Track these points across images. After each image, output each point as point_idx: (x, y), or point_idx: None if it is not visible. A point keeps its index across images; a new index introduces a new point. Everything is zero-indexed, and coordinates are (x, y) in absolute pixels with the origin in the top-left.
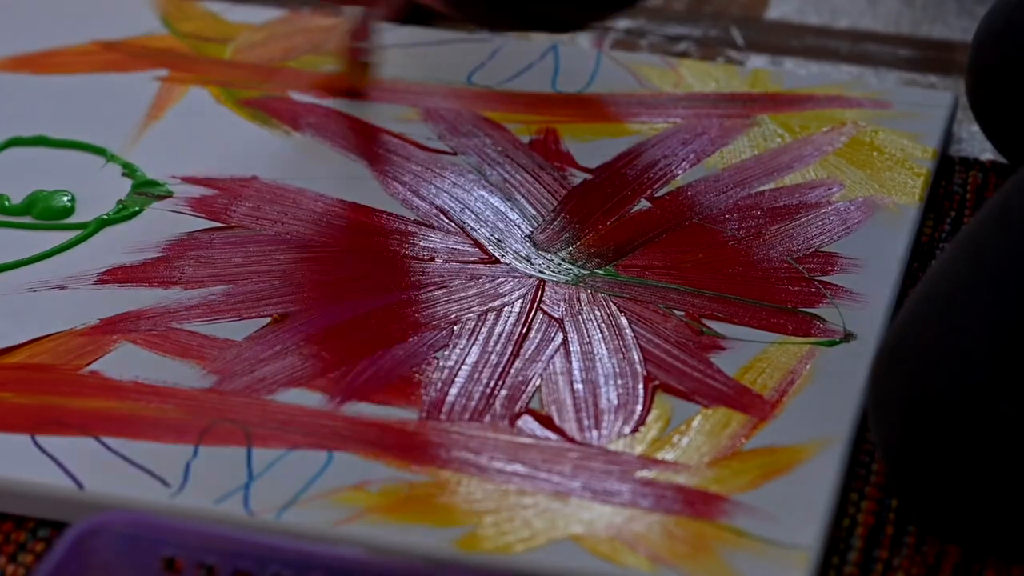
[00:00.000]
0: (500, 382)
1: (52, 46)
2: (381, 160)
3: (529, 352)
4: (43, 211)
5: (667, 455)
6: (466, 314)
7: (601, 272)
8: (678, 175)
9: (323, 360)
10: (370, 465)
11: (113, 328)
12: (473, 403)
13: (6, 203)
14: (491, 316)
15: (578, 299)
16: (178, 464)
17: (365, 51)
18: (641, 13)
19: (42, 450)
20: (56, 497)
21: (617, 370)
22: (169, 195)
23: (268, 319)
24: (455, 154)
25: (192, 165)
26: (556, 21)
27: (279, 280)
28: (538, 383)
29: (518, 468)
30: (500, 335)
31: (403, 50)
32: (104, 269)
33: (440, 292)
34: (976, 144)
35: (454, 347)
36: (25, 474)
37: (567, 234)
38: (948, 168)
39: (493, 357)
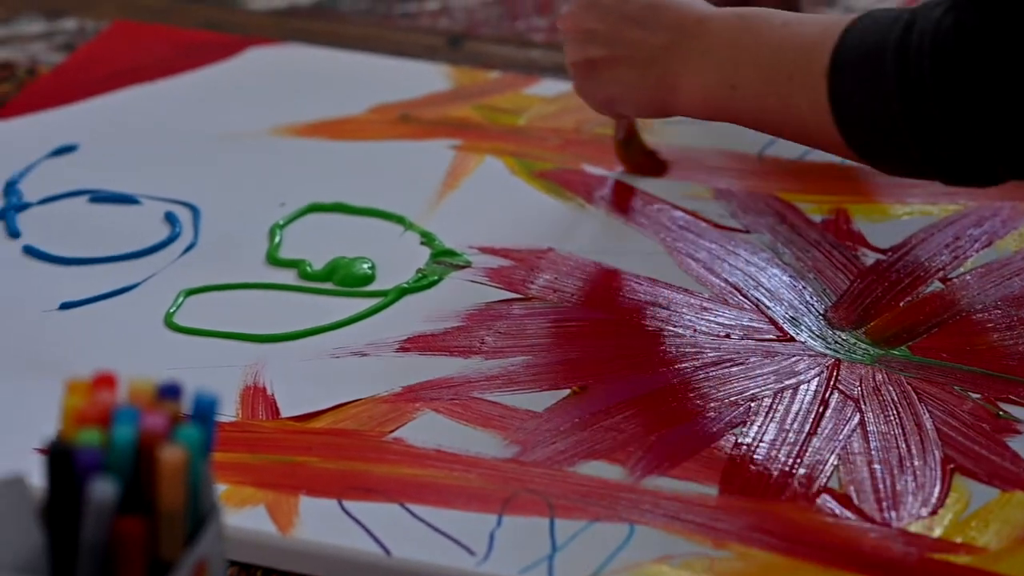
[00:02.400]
0: (798, 460)
1: (349, 112)
2: (674, 236)
3: (826, 431)
4: (344, 278)
5: (965, 538)
6: (763, 391)
7: (896, 352)
8: (970, 256)
9: (622, 433)
10: (671, 539)
11: (415, 396)
12: (772, 480)
13: (308, 268)
14: (787, 394)
15: (874, 379)
16: (482, 532)
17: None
18: None
19: (349, 515)
20: (364, 562)
21: (914, 451)
22: (467, 265)
23: (567, 391)
24: (748, 232)
25: (488, 235)
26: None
27: (577, 353)
28: (836, 462)
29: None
30: (797, 413)
31: (697, 125)
32: (405, 337)
33: (737, 369)
34: None
35: (751, 424)
36: (333, 538)
37: (861, 313)
38: None
39: (791, 435)
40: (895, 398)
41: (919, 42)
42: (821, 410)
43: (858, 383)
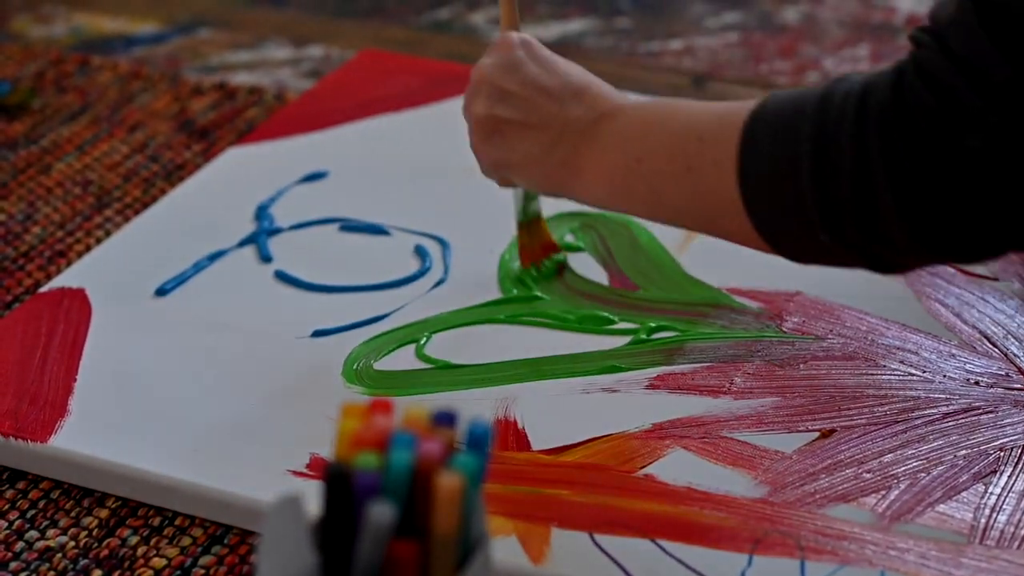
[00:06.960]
0: None
1: None
2: (923, 281)
3: None
4: (584, 318)
5: None
6: (1012, 441)
7: None
8: None
9: (871, 478)
10: None
11: (665, 433)
12: (1023, 532)
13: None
14: None
15: None
16: (733, 571)
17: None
18: None
19: (601, 549)
20: None
21: None
22: None
23: (816, 433)
24: (996, 279)
25: (737, 276)
26: None
27: (825, 395)
28: None
29: None
30: None
31: None
32: (655, 375)
33: (986, 417)
34: None
35: (1001, 474)
36: (585, 571)
37: None
38: None
39: None
40: None
41: (845, 93)
42: None
43: None
